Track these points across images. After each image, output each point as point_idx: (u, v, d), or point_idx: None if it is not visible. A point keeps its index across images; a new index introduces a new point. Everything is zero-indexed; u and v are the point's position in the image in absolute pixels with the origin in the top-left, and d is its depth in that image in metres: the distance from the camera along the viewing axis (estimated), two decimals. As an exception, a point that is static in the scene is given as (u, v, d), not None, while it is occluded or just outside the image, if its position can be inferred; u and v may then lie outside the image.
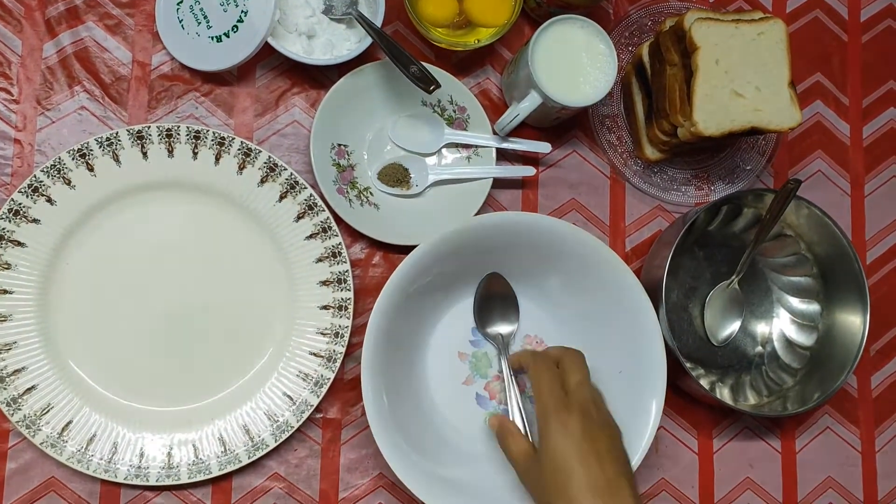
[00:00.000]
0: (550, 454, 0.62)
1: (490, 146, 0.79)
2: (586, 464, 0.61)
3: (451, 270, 0.75)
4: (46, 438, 0.70)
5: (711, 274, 0.84)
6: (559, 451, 0.62)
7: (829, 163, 0.90)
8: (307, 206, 0.74)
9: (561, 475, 0.61)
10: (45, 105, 0.75)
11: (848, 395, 0.87)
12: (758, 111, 0.75)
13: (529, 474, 0.65)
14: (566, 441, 0.62)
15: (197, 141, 0.73)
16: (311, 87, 0.79)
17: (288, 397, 0.74)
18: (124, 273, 0.74)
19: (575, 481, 0.60)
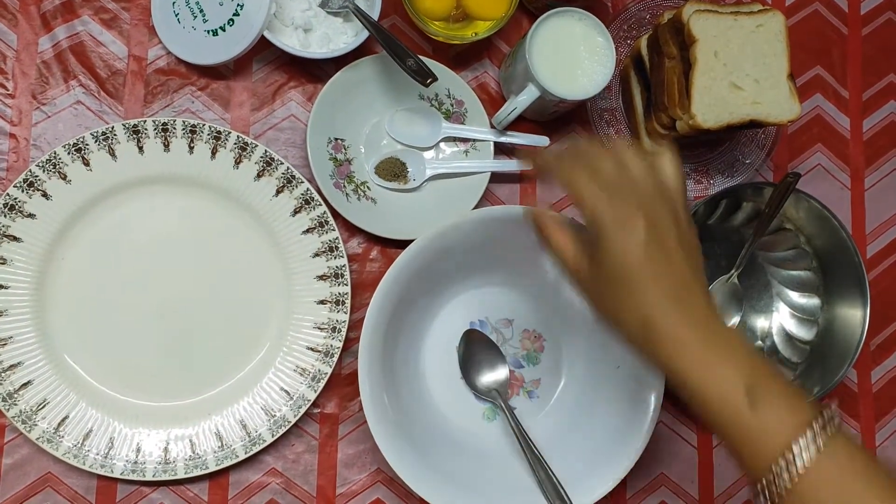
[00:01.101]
0: (611, 257, 0.53)
1: (488, 140, 0.79)
2: (655, 266, 0.52)
3: (449, 265, 0.75)
4: (43, 434, 0.70)
5: (711, 268, 0.84)
6: (619, 253, 0.52)
7: (829, 156, 0.89)
8: (304, 201, 0.74)
9: (626, 280, 0.52)
10: (40, 100, 0.75)
11: (848, 390, 0.86)
12: (757, 104, 0.74)
13: (584, 276, 0.56)
14: (626, 240, 0.52)
15: (193, 135, 0.73)
16: (308, 81, 0.79)
17: (285, 392, 0.74)
18: (120, 268, 0.73)
19: (642, 287, 0.52)
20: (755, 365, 0.51)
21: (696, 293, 0.53)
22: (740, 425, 0.50)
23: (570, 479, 0.72)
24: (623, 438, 0.73)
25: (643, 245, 0.52)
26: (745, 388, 0.50)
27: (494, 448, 0.77)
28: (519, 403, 0.79)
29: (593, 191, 0.53)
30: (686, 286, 0.53)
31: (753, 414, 0.50)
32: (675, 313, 0.52)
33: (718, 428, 0.52)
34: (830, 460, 0.48)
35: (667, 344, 0.52)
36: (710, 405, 0.51)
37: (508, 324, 0.80)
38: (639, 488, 0.81)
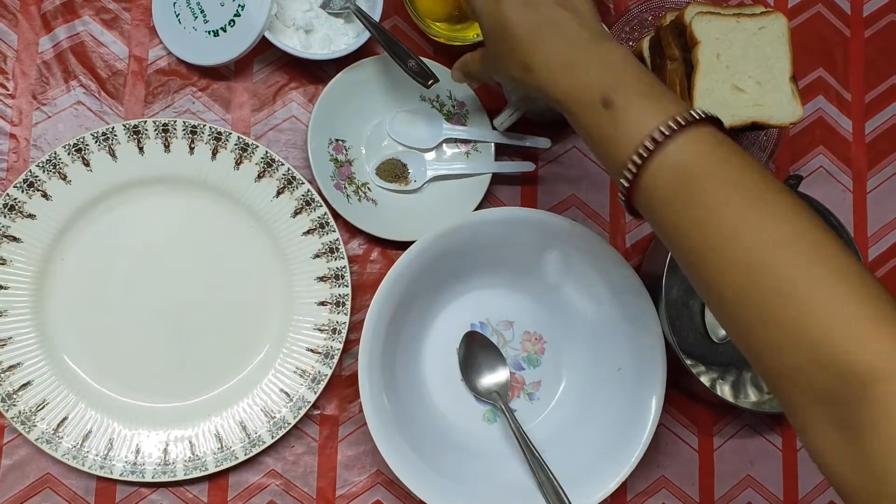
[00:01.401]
0: (483, 25, 0.59)
1: (489, 142, 0.79)
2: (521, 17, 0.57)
3: (450, 267, 0.75)
4: (42, 435, 0.70)
5: (712, 271, 0.84)
6: (486, 19, 0.58)
7: (831, 159, 0.89)
8: (304, 202, 0.74)
9: (501, 42, 0.58)
10: (40, 100, 0.75)
11: (849, 393, 0.86)
12: (759, 106, 0.74)
13: (487, 63, 0.63)
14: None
15: (193, 136, 0.73)
16: (309, 82, 0.79)
17: (285, 394, 0.74)
18: (120, 269, 0.73)
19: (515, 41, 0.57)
20: (619, 71, 0.54)
21: (565, 21, 0.56)
22: (599, 127, 0.53)
23: (570, 481, 0.72)
24: (624, 441, 0.73)
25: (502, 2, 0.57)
26: (601, 91, 0.53)
27: (495, 450, 0.77)
28: (519, 405, 0.79)
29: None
30: (557, 23, 0.56)
31: (609, 114, 0.52)
32: (547, 43, 0.55)
33: (585, 136, 0.56)
34: (689, 146, 0.50)
35: (538, 78, 0.56)
36: (571, 111, 0.55)
37: (509, 325, 0.79)
38: (639, 490, 0.80)
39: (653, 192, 0.51)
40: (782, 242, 0.47)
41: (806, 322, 0.45)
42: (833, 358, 0.44)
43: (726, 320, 0.50)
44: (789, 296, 0.46)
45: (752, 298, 0.47)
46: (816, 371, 0.45)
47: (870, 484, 0.43)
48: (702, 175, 0.50)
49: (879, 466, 0.43)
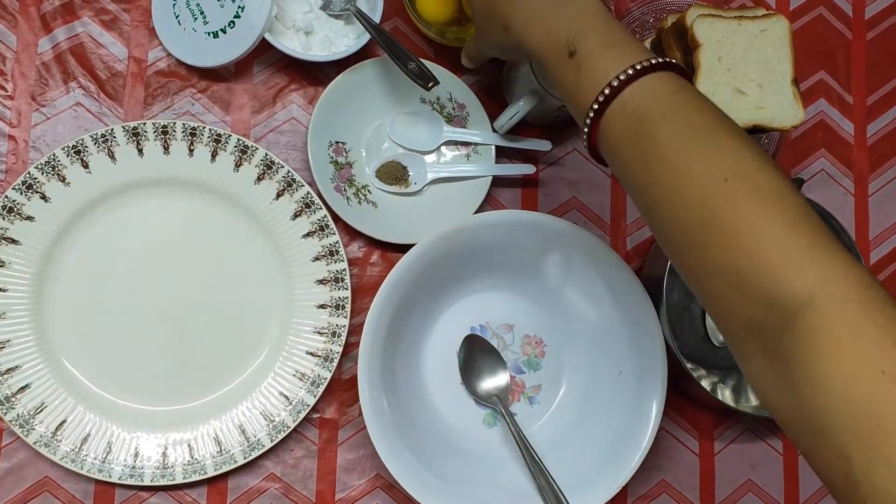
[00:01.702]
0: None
1: (489, 144, 0.79)
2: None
3: (450, 269, 0.74)
4: (40, 438, 0.69)
5: (713, 274, 0.83)
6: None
7: (833, 162, 0.89)
8: (304, 204, 0.74)
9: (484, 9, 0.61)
10: (39, 101, 0.74)
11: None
12: (760, 109, 0.74)
13: (481, 39, 0.66)
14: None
15: (193, 138, 0.72)
16: (309, 84, 0.78)
17: (284, 397, 0.73)
18: (119, 271, 0.73)
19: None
20: (587, 22, 0.55)
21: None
22: (565, 76, 0.55)
23: (570, 485, 0.72)
24: (624, 445, 0.73)
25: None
26: (567, 41, 0.55)
27: (495, 454, 0.76)
28: (519, 409, 0.78)
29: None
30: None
31: (573, 62, 0.54)
32: (520, 6, 0.58)
33: (555, 85, 0.57)
34: (646, 91, 0.52)
35: (516, 34, 0.59)
36: (543, 62, 0.57)
37: (509, 329, 0.79)
38: (640, 495, 0.80)
39: (611, 135, 0.53)
40: (727, 175, 0.48)
41: (742, 252, 0.46)
42: (763, 286, 0.45)
43: (678, 260, 0.51)
44: (728, 228, 0.47)
45: (697, 233, 0.48)
46: (749, 300, 0.46)
47: (800, 413, 0.44)
48: (657, 117, 0.51)
49: (807, 397, 0.43)
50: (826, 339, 0.43)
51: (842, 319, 0.43)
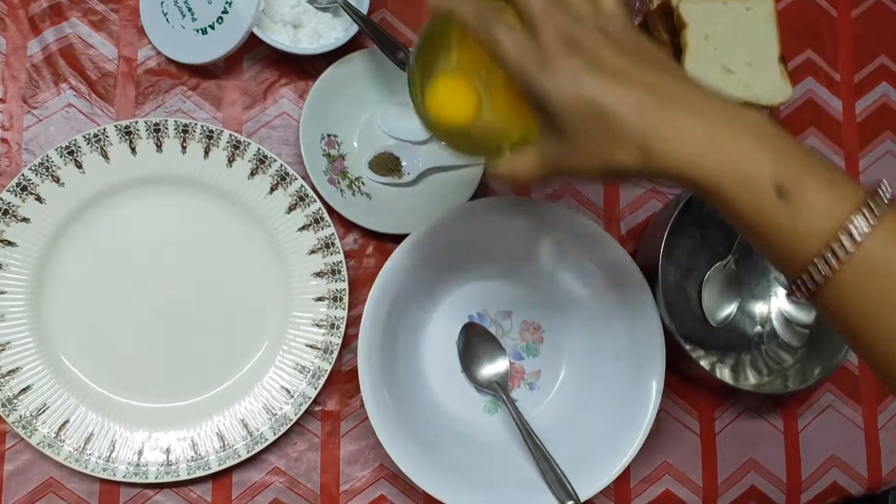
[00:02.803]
0: (556, 112, 0.46)
1: (481, 132, 0.79)
2: (614, 92, 0.44)
3: (446, 258, 0.74)
4: (43, 439, 0.69)
5: (708, 255, 0.84)
6: (563, 102, 0.45)
7: (823, 139, 0.89)
8: (298, 198, 0.74)
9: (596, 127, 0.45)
10: (31, 103, 0.74)
11: (849, 373, 0.86)
12: (748, 87, 0.74)
13: (555, 158, 0.49)
14: (563, 83, 0.45)
15: (185, 135, 0.72)
16: (299, 77, 0.79)
17: (286, 390, 0.73)
18: (117, 270, 0.73)
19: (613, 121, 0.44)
20: (784, 142, 0.44)
21: (683, 88, 0.45)
22: (767, 217, 0.44)
23: (573, 469, 0.72)
24: (625, 427, 0.73)
25: (585, 76, 0.45)
26: (773, 176, 0.43)
27: (497, 440, 0.76)
28: (520, 395, 0.79)
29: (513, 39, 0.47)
30: (661, 89, 0.45)
31: (784, 203, 0.43)
32: (670, 117, 0.44)
33: (743, 222, 0.45)
34: (887, 238, 0.43)
35: (668, 158, 0.44)
36: (723, 194, 0.44)
37: (507, 316, 0.79)
38: (642, 477, 0.80)
39: (843, 287, 0.44)
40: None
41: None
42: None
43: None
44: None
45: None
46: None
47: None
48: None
49: None
50: None
51: None
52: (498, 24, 0.47)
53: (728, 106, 0.45)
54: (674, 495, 0.81)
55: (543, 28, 0.46)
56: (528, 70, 0.46)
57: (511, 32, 0.47)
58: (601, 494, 0.73)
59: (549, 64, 0.45)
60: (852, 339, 0.46)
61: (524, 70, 0.46)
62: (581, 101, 0.45)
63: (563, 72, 0.45)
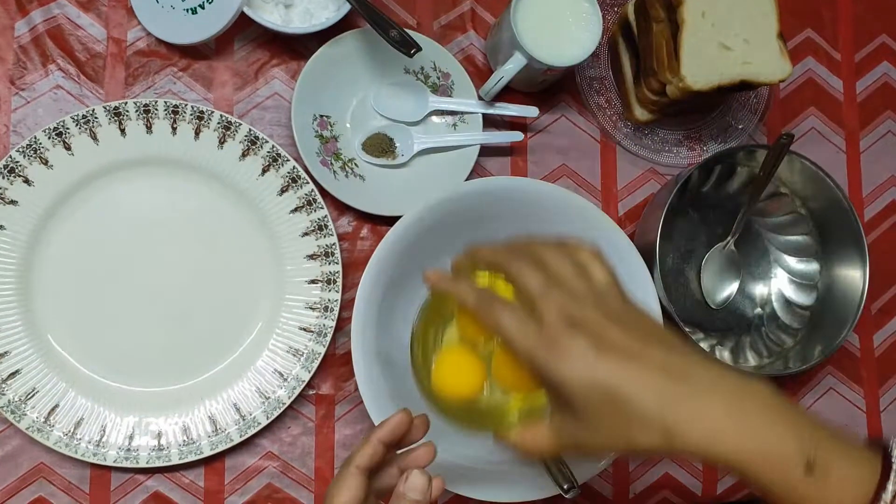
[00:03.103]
0: (571, 395, 0.45)
1: (476, 112, 0.78)
2: (630, 375, 0.45)
3: (440, 240, 0.73)
4: (32, 423, 0.69)
5: (707, 236, 0.83)
6: (577, 385, 0.45)
7: (823, 119, 0.88)
8: (290, 179, 0.73)
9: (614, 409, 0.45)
10: (18, 85, 0.73)
11: (850, 355, 0.85)
12: (747, 64, 0.73)
13: (573, 438, 0.48)
14: (585, 366, 0.45)
15: (175, 116, 0.71)
16: (291, 58, 0.77)
17: (279, 374, 0.73)
18: (107, 253, 0.72)
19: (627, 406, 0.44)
20: (796, 421, 0.45)
21: (690, 363, 0.46)
22: (795, 495, 0.44)
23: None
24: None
25: (594, 358, 0.45)
26: (800, 450, 0.43)
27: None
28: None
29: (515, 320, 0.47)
30: (671, 368, 0.45)
31: (811, 479, 0.44)
32: (689, 398, 0.44)
33: (773, 498, 0.45)
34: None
35: (692, 438, 0.44)
36: (761, 479, 0.44)
37: (503, 298, 0.78)
38: (642, 460, 0.79)
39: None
40: None
41: None
42: None
43: None
44: None
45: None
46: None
47: None
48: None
49: None
50: None
51: None
52: (499, 307, 0.48)
53: (736, 379, 0.45)
54: (673, 479, 0.80)
55: (545, 308, 0.46)
56: (536, 354, 0.46)
57: (513, 314, 0.47)
58: (599, 478, 0.72)
59: (556, 346, 0.45)
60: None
61: (532, 353, 0.46)
62: (595, 386, 0.45)
63: (573, 354, 0.45)
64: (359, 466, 0.51)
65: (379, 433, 0.52)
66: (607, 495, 0.78)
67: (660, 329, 0.48)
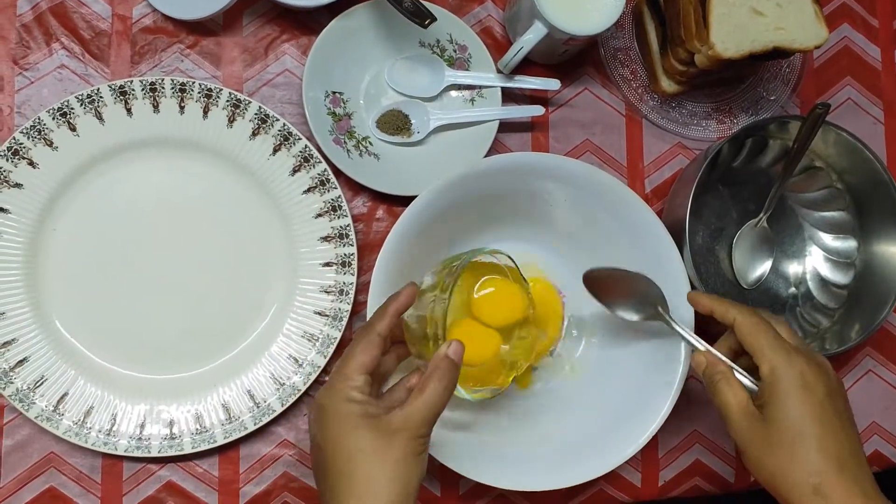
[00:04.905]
0: (785, 414, 0.55)
1: (495, 86, 0.75)
2: (830, 429, 0.54)
3: (459, 220, 0.71)
4: (41, 412, 0.67)
5: (738, 213, 0.79)
6: (797, 412, 0.54)
7: (860, 90, 0.84)
8: (303, 159, 0.70)
9: (799, 441, 0.54)
10: (22, 65, 0.71)
11: (891, 336, 0.82)
12: (780, 30, 0.69)
13: (749, 432, 0.56)
14: (806, 399, 0.55)
15: (183, 94, 0.69)
16: (302, 33, 0.75)
17: (294, 359, 0.70)
18: (115, 237, 0.70)
19: (815, 450, 0.54)
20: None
21: (864, 464, 0.54)
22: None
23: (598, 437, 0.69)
24: (652, 394, 0.70)
25: (821, 405, 0.54)
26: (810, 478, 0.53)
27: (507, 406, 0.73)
28: (541, 362, 0.75)
29: (777, 343, 0.56)
30: (855, 454, 0.54)
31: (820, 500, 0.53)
32: (848, 482, 0.53)
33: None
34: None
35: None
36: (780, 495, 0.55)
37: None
38: (672, 446, 0.77)
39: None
40: None
41: None
42: None
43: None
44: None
45: None
46: None
47: None
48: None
49: None
50: None
51: None
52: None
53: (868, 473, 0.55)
54: (704, 465, 0.77)
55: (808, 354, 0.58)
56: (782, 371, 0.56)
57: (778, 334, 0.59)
58: (628, 465, 0.69)
59: (809, 379, 0.56)
60: None
61: (778, 367, 0.57)
62: (803, 422, 0.55)
63: (814, 392, 0.56)
64: (380, 334, 0.56)
65: (395, 304, 0.58)
66: (636, 483, 0.76)
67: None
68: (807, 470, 0.53)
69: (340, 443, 0.52)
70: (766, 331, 0.57)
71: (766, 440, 0.55)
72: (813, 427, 0.54)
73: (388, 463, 0.51)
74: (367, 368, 0.54)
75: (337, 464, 0.51)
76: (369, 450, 0.51)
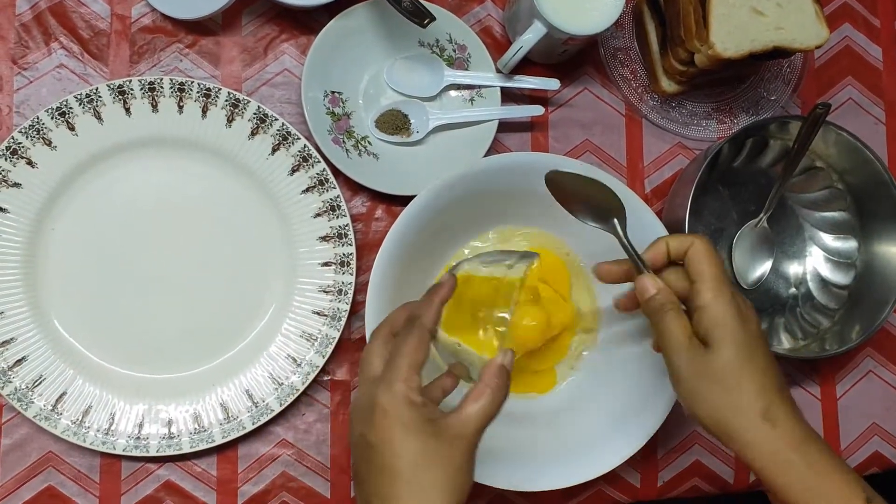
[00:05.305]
0: (731, 343, 0.53)
1: (494, 86, 0.75)
2: (769, 360, 0.55)
3: (458, 220, 0.71)
4: (40, 411, 0.67)
5: (738, 213, 0.79)
6: (743, 342, 0.53)
7: (861, 90, 0.84)
8: (301, 158, 0.70)
9: (747, 368, 0.53)
10: (21, 64, 0.71)
11: (891, 336, 0.82)
12: (780, 29, 0.69)
13: (692, 363, 0.55)
14: (747, 330, 0.54)
15: (182, 94, 0.69)
16: (301, 33, 0.75)
17: (292, 359, 0.70)
18: (113, 236, 0.70)
19: (761, 377, 0.53)
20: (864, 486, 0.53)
21: (791, 400, 0.55)
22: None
23: (596, 438, 0.69)
24: (651, 394, 0.69)
25: (757, 337, 0.55)
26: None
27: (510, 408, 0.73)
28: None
29: (723, 276, 0.56)
30: (787, 387, 0.55)
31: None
32: (790, 407, 0.54)
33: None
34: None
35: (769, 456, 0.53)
36: None
37: (524, 281, 0.75)
38: (671, 447, 0.76)
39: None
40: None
41: None
42: None
43: None
44: None
45: None
46: None
47: None
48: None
49: None
50: None
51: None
52: None
53: (820, 444, 0.54)
54: (704, 466, 0.77)
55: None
56: (729, 305, 0.55)
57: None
58: (627, 465, 0.69)
59: (749, 313, 0.57)
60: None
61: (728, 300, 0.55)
62: (741, 352, 0.54)
63: (752, 323, 0.56)
64: (430, 330, 0.54)
65: (440, 295, 0.55)
66: (635, 483, 0.75)
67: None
68: (754, 396, 0.53)
69: (405, 446, 0.50)
70: (718, 263, 0.56)
71: (708, 370, 0.54)
72: (756, 356, 0.54)
73: (450, 470, 0.50)
74: (421, 366, 0.53)
75: (397, 466, 0.50)
76: (434, 456, 0.50)
